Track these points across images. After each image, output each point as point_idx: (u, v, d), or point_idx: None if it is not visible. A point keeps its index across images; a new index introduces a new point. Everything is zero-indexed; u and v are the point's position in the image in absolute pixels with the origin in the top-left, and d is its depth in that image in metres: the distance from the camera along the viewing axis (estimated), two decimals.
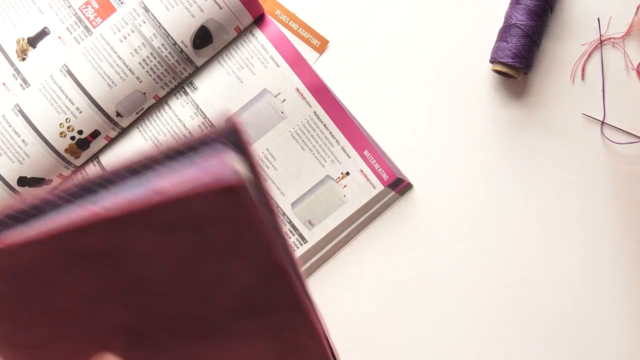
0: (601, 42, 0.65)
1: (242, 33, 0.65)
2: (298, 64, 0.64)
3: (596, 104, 0.65)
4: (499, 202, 0.65)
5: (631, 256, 0.65)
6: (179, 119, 0.64)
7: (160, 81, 0.62)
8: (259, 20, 0.65)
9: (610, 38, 0.65)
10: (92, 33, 0.62)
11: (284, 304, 0.34)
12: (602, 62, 0.65)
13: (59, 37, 0.62)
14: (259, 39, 0.64)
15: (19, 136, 0.61)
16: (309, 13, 0.67)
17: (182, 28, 0.61)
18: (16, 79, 0.62)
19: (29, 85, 0.62)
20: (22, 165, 0.62)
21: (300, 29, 0.67)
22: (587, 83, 0.65)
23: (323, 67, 0.67)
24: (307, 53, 0.66)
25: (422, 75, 0.66)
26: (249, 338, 0.36)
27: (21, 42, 0.63)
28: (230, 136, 0.31)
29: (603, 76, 0.65)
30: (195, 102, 0.64)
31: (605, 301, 0.65)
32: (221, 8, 0.61)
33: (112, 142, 0.65)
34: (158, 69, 0.62)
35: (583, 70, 0.65)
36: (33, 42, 0.62)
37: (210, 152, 0.30)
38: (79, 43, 0.62)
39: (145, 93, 0.62)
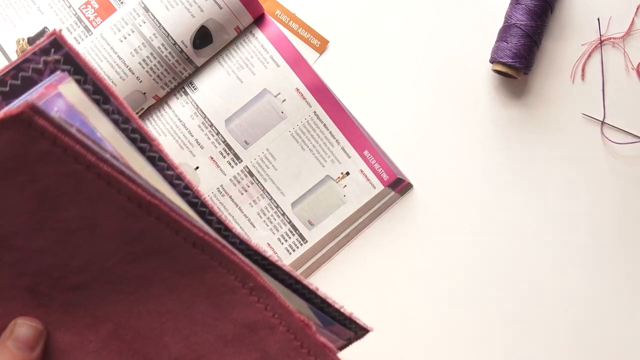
0: (601, 42, 0.65)
1: (242, 33, 0.65)
2: (298, 64, 0.64)
3: (596, 104, 0.65)
4: (498, 202, 0.65)
5: (631, 256, 0.65)
6: (179, 119, 0.64)
7: (160, 81, 0.62)
8: (259, 20, 0.65)
9: (610, 38, 0.65)
10: (92, 33, 0.62)
11: (178, 242, 0.32)
12: (602, 62, 0.65)
13: None
14: (259, 39, 0.64)
15: None
16: (309, 13, 0.67)
17: (182, 28, 0.61)
18: None
19: None
20: None
21: (300, 29, 0.67)
22: (587, 83, 0.65)
23: (323, 67, 0.67)
24: (307, 53, 0.66)
25: (422, 75, 0.66)
26: (164, 285, 0.34)
27: (21, 42, 0.63)
28: (56, 51, 0.27)
29: (603, 76, 0.65)
30: (195, 102, 0.64)
31: (604, 301, 0.65)
32: (221, 8, 0.61)
33: None
34: (158, 69, 0.62)
35: (583, 70, 0.65)
36: (33, 42, 0.62)
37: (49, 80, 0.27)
38: (79, 43, 0.62)
39: (145, 93, 0.62)
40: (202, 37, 0.62)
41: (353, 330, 0.40)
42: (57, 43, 0.27)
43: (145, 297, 0.34)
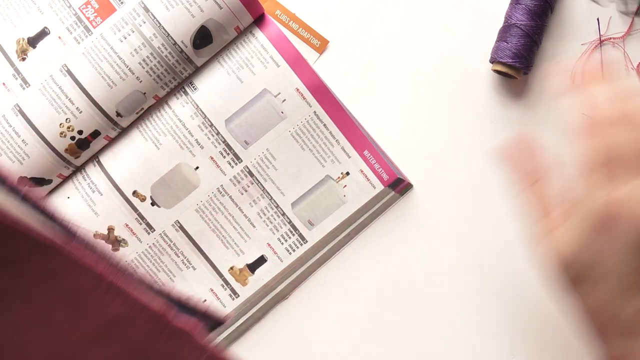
0: (601, 42, 0.65)
1: (242, 33, 0.65)
2: (298, 64, 0.64)
3: None
4: (499, 202, 0.65)
5: None
6: (179, 119, 0.64)
7: (160, 81, 0.62)
8: (259, 20, 0.65)
9: (610, 38, 0.65)
10: (92, 33, 0.62)
11: (25, 251, 0.32)
12: (601, 62, 0.65)
13: (59, 37, 0.62)
14: (259, 39, 0.65)
15: (19, 136, 0.62)
16: (309, 13, 0.67)
17: (182, 28, 0.61)
18: (16, 79, 0.62)
19: (29, 85, 0.62)
20: (22, 166, 0.62)
21: (300, 29, 0.67)
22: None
23: (323, 67, 0.67)
24: (307, 53, 0.66)
25: (422, 75, 0.66)
26: (20, 297, 0.32)
27: (21, 42, 0.63)
28: None
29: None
30: (195, 102, 0.64)
31: None
32: (221, 8, 0.61)
33: (112, 142, 0.65)
34: (158, 69, 0.62)
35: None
36: (33, 42, 0.62)
37: None
38: (79, 43, 0.62)
39: (145, 93, 0.62)
40: (202, 37, 0.62)
41: (202, 319, 0.41)
42: None
43: (3, 311, 0.34)
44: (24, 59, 0.62)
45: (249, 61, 0.64)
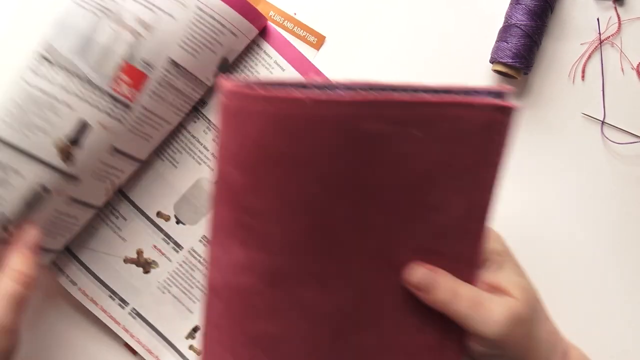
0: (600, 42, 0.66)
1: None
2: (302, 65, 0.65)
3: (596, 103, 0.65)
4: (498, 202, 0.66)
5: (630, 256, 0.66)
6: (192, 135, 0.64)
7: (180, 112, 0.63)
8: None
9: (610, 37, 0.66)
10: (131, 108, 0.58)
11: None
12: (601, 62, 0.66)
13: (99, 122, 0.57)
14: (260, 46, 0.65)
15: None
16: (303, 11, 0.67)
17: (208, 66, 0.61)
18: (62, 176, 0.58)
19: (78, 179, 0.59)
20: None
21: (296, 27, 0.67)
22: (587, 83, 0.66)
23: (322, 63, 0.67)
24: (305, 51, 0.67)
25: (422, 76, 0.66)
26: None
27: (61, 143, 0.56)
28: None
29: (603, 76, 0.65)
30: (206, 117, 0.64)
31: (603, 299, 0.66)
32: (237, 36, 0.61)
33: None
34: (184, 107, 0.62)
35: (583, 70, 0.66)
36: (76, 140, 0.56)
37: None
38: (121, 123, 0.58)
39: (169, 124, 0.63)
40: (222, 67, 0.62)
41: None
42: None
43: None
44: (69, 158, 0.57)
45: (254, 69, 0.65)
